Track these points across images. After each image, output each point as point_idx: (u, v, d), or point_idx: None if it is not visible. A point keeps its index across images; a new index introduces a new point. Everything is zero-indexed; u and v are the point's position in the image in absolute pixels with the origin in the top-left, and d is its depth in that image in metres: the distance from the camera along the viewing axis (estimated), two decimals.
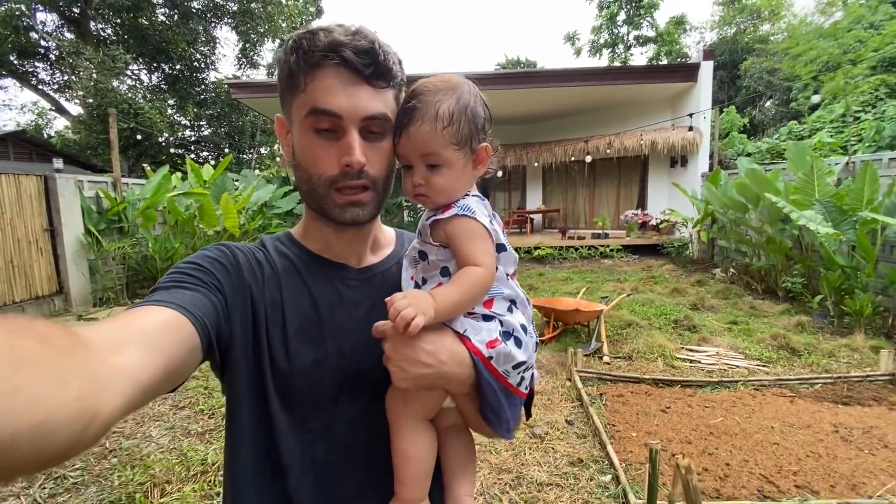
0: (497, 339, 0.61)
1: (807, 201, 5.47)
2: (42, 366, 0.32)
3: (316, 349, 0.64)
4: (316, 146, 0.61)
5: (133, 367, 0.41)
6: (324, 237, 0.70)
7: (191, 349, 0.51)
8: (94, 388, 0.35)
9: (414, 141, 0.62)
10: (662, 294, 6.46)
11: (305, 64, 0.59)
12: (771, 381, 3.45)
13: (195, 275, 0.59)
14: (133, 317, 0.48)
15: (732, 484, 2.23)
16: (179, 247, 6.98)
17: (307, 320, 0.65)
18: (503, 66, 27.12)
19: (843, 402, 3.15)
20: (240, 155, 19.30)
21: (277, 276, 0.66)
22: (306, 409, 0.64)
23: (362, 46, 0.59)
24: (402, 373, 0.57)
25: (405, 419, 0.65)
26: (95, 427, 0.34)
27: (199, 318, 0.53)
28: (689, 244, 9.49)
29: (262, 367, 0.62)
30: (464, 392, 0.64)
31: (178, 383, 0.52)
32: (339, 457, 0.66)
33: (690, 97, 10.06)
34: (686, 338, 4.58)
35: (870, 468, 2.34)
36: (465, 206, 0.63)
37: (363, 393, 0.67)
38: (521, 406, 0.67)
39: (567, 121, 12.50)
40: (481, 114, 0.65)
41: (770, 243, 6.26)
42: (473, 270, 0.61)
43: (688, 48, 23.55)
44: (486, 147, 0.67)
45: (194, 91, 17.51)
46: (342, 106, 0.59)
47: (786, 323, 4.98)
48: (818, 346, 4.25)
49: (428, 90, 0.62)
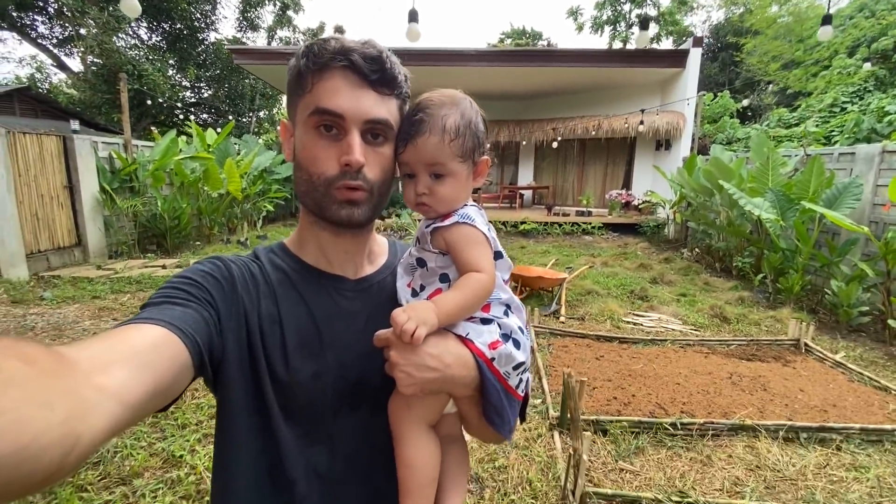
0: (498, 341, 0.63)
1: (762, 189, 6.03)
2: (27, 388, 0.31)
3: (316, 362, 0.65)
4: (317, 146, 0.62)
5: (120, 388, 0.41)
6: (319, 245, 0.71)
7: (181, 367, 0.50)
8: (79, 410, 0.35)
9: (421, 151, 0.64)
10: (629, 269, 7.09)
11: (314, 66, 0.61)
12: (695, 341, 4.11)
13: (187, 290, 0.59)
14: (121, 335, 0.47)
15: (633, 408, 2.89)
16: (186, 207, 7.50)
17: (306, 333, 0.65)
18: (508, 36, 26.90)
19: (748, 358, 3.81)
20: (239, 119, 19.47)
21: (273, 289, 0.66)
22: (308, 422, 0.64)
23: (371, 53, 0.61)
24: (409, 378, 0.58)
25: (409, 425, 0.66)
26: (78, 451, 0.33)
27: (190, 335, 0.53)
28: (665, 225, 10.09)
29: (260, 382, 0.62)
30: (467, 395, 0.65)
31: (168, 402, 0.52)
32: (341, 468, 0.66)
33: (679, 83, 10.43)
34: (637, 305, 5.23)
35: (744, 403, 3.01)
36: (466, 215, 0.65)
37: (364, 404, 0.68)
38: (518, 408, 0.68)
39: (561, 99, 12.82)
40: (482, 128, 0.68)
41: (730, 226, 6.86)
42: (476, 276, 0.63)
43: (694, 27, 23.49)
44: (486, 160, 0.71)
45: (194, 52, 17.52)
46: (346, 107, 0.60)
47: (729, 297, 5.63)
48: (748, 317, 4.91)
49: (433, 104, 0.65)
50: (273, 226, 10.78)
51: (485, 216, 0.69)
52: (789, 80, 16.84)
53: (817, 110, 13.65)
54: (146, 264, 6.45)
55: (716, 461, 2.41)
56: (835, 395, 3.14)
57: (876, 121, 10.15)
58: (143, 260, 6.76)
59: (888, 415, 2.89)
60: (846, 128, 10.86)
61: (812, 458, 2.44)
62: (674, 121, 10.17)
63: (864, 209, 5.47)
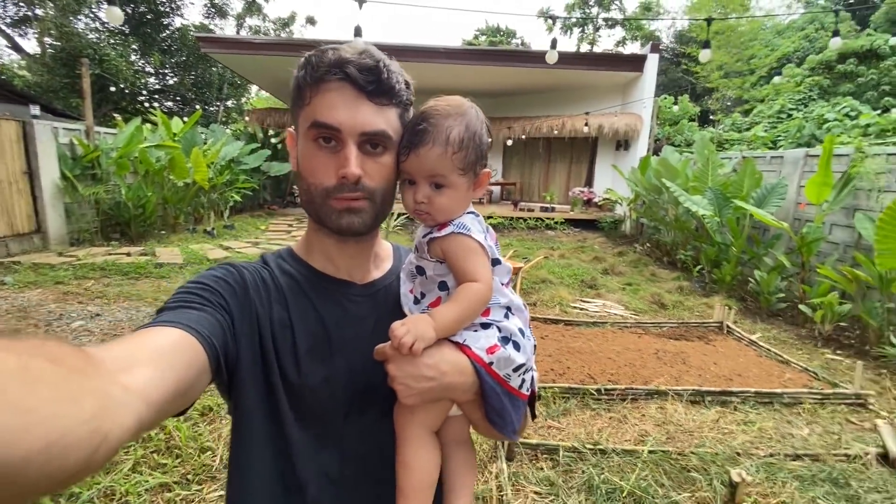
0: (496, 345, 0.64)
1: (702, 188, 6.56)
2: (55, 385, 0.32)
3: (326, 366, 0.66)
4: (316, 157, 0.63)
5: (144, 387, 0.42)
6: (326, 251, 0.72)
7: (200, 369, 0.52)
8: (107, 408, 0.35)
9: (422, 161, 0.64)
10: (584, 261, 7.55)
11: (311, 79, 0.62)
12: (631, 324, 4.54)
13: (202, 294, 0.60)
14: (142, 337, 0.49)
15: (566, 378, 3.25)
16: (152, 195, 7.47)
17: (316, 338, 0.66)
18: (483, 33, 27.23)
19: (676, 338, 4.26)
20: (206, 108, 19.06)
21: (283, 294, 0.67)
22: (318, 425, 0.66)
23: (366, 64, 0.61)
24: (408, 390, 0.60)
25: (412, 430, 0.67)
26: (106, 448, 0.34)
27: (207, 338, 0.54)
28: (622, 221, 10.66)
29: (273, 386, 0.63)
30: (469, 399, 0.66)
31: (187, 404, 0.52)
32: (352, 472, 0.68)
33: (637, 86, 10.99)
34: (585, 293, 5.65)
35: (664, 374, 3.42)
36: (461, 224, 0.65)
37: (373, 407, 0.69)
38: (524, 407, 0.70)
39: (529, 98, 13.23)
40: (486, 140, 0.68)
41: (676, 222, 7.40)
42: (472, 287, 0.63)
43: (659, 32, 24.43)
44: (488, 172, 0.71)
45: (159, 37, 17.05)
46: (342, 120, 0.61)
47: (670, 286, 6.13)
48: (684, 304, 5.40)
49: (438, 113, 0.65)
50: (240, 216, 10.76)
51: (482, 223, 0.69)
52: (729, 88, 17.97)
53: (766, 116, 14.59)
54: (110, 252, 6.44)
55: (630, 419, 2.79)
56: (742, 367, 3.59)
57: (816, 127, 10.99)
58: (107, 248, 6.73)
59: (783, 382, 3.36)
60: (790, 133, 11.72)
61: (711, 415, 2.85)
62: (632, 122, 10.73)
63: (789, 208, 6.07)
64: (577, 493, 2.12)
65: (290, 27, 24.04)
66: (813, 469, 2.31)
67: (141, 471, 2.12)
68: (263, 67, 11.41)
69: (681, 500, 2.03)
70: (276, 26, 23.53)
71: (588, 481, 2.17)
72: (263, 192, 12.39)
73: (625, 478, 2.18)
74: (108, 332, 3.80)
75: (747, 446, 2.53)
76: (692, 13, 24.88)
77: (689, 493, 2.11)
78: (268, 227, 9.82)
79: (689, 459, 2.35)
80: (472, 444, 0.77)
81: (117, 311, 4.26)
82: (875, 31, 15.60)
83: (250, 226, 9.71)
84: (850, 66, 14.22)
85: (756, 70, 17.95)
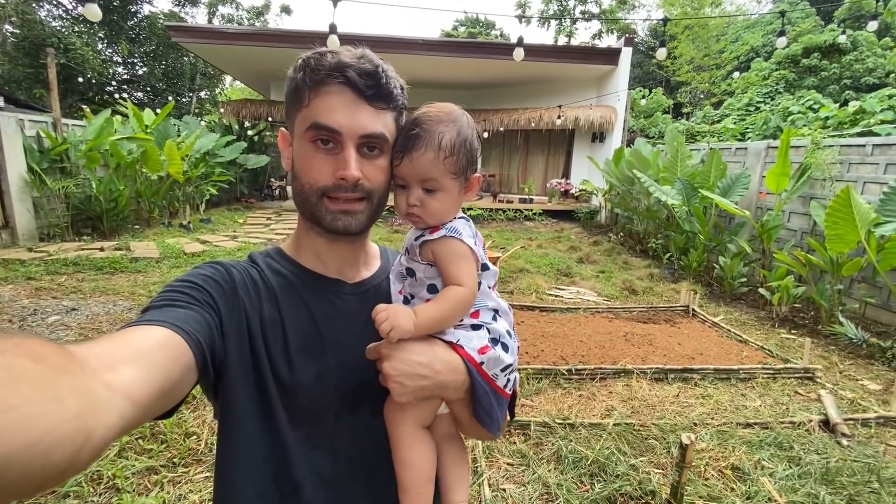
0: (487, 346, 0.66)
1: (672, 178, 6.81)
2: (37, 384, 0.31)
3: (318, 363, 0.66)
4: (313, 158, 0.64)
5: (128, 386, 0.41)
6: (316, 250, 0.72)
7: (186, 367, 0.51)
8: (91, 407, 0.35)
9: (416, 166, 0.66)
10: (561, 251, 7.75)
11: (311, 81, 0.62)
12: (603, 309, 4.74)
13: (188, 293, 0.60)
14: (126, 336, 0.48)
15: (539, 360, 3.42)
16: (124, 189, 7.32)
17: (308, 336, 0.66)
18: (462, 24, 27.18)
19: (644, 321, 4.47)
20: (179, 99, 18.56)
21: (274, 293, 0.67)
22: (310, 424, 0.65)
23: (366, 69, 0.62)
24: (402, 388, 0.60)
25: (404, 428, 0.68)
26: (90, 447, 0.34)
27: (193, 336, 0.53)
28: (598, 211, 10.93)
29: (265, 385, 0.63)
30: (459, 398, 0.67)
31: (172, 404, 0.52)
32: (345, 470, 0.68)
33: (612, 79, 11.22)
34: (561, 281, 5.84)
35: (630, 354, 3.61)
36: (453, 228, 0.67)
37: (364, 405, 0.70)
38: (506, 406, 0.72)
39: (507, 91, 13.35)
40: (476, 146, 0.70)
41: (648, 212, 7.66)
42: (456, 290, 0.65)
43: (635, 25, 24.83)
44: (478, 177, 0.73)
45: (126, 25, 16.49)
46: (342, 123, 0.62)
47: (641, 273, 6.38)
48: (654, 289, 5.64)
49: (430, 119, 0.66)
50: (216, 210, 10.61)
51: (472, 228, 0.71)
52: (699, 82, 18.51)
53: (736, 109, 15.07)
54: (82, 247, 6.31)
55: (598, 396, 2.97)
56: (704, 347, 3.82)
57: (781, 120, 11.44)
58: (79, 243, 6.59)
59: (740, 360, 3.60)
60: (757, 125, 12.17)
61: (672, 390, 3.05)
62: (607, 115, 10.97)
63: (752, 197, 6.37)
64: (546, 462, 2.27)
65: (265, 16, 23.53)
66: (761, 435, 2.53)
67: (127, 456, 2.18)
68: (238, 57, 11.20)
69: (639, 464, 2.21)
70: (249, 15, 22.99)
71: (557, 452, 2.33)
72: (240, 185, 12.22)
73: (590, 447, 2.34)
74: (86, 326, 3.79)
75: (704, 417, 2.73)
76: (666, 7, 25.37)
77: (647, 458, 2.29)
78: (245, 220, 9.72)
79: (650, 430, 2.54)
80: (461, 438, 0.79)
81: (94, 306, 4.23)
82: (838, 27, 16.22)
83: (227, 219, 9.60)
84: (814, 60, 14.77)
85: (724, 65, 18.50)
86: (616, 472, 2.16)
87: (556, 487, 2.08)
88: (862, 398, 3.08)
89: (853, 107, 8.72)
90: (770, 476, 2.17)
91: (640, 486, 2.06)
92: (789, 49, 15.43)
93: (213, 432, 2.42)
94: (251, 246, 7.17)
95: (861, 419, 2.75)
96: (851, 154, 5.04)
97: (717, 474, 2.20)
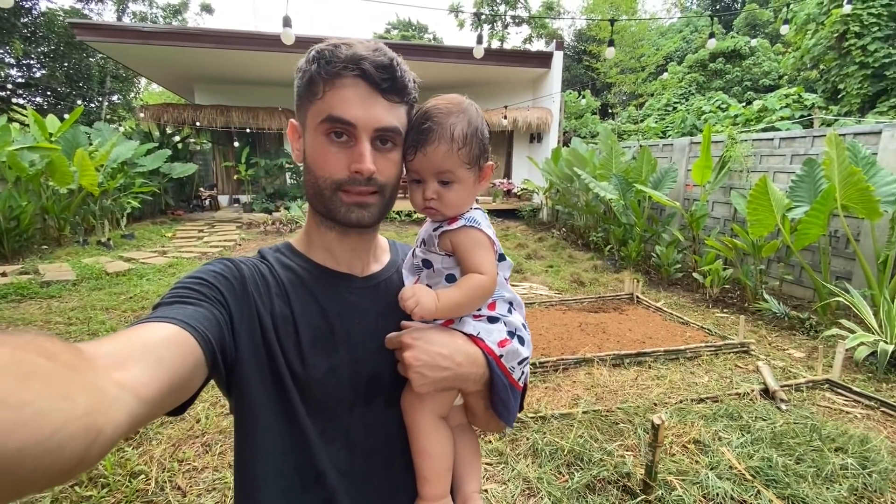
0: (507, 339, 0.67)
1: (608, 175, 7.19)
2: (48, 381, 0.32)
3: (331, 358, 0.66)
4: (327, 151, 0.63)
5: (137, 383, 0.42)
6: (327, 244, 0.72)
7: (194, 364, 0.51)
8: (100, 403, 0.35)
9: (430, 159, 0.66)
10: (509, 248, 7.91)
11: (326, 73, 0.62)
12: (556, 302, 4.89)
13: (198, 289, 0.60)
14: (134, 333, 0.48)
15: None
16: (28, 206, 6.51)
17: (319, 330, 0.66)
18: (395, 27, 27.03)
19: (595, 311, 4.66)
20: (87, 103, 16.86)
21: (284, 289, 0.68)
22: (325, 418, 0.66)
23: (382, 62, 0.62)
24: (423, 378, 0.61)
25: (423, 418, 0.69)
26: (100, 443, 0.34)
27: (202, 333, 0.53)
28: (540, 209, 11.31)
29: (281, 380, 0.63)
30: (478, 390, 0.68)
31: (182, 400, 0.52)
32: (361, 463, 0.68)
33: (546, 81, 11.67)
34: (513, 277, 5.94)
35: (587, 343, 3.74)
36: (472, 219, 0.68)
37: (377, 398, 0.70)
38: (519, 398, 0.72)
39: (446, 93, 13.44)
40: (487, 134, 0.71)
41: (587, 207, 8.03)
42: (477, 277, 0.66)
43: (561, 30, 26.04)
44: (491, 165, 0.73)
45: (19, 23, 14.72)
46: (357, 116, 0.61)
47: (586, 266, 6.67)
48: (599, 280, 5.91)
49: (441, 112, 0.67)
50: (140, 224, 9.71)
51: (487, 219, 0.71)
52: (624, 84, 19.90)
53: (656, 109, 16.27)
54: None
55: (563, 386, 3.04)
56: (652, 331, 4.05)
57: (696, 118, 12.48)
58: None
59: (685, 340, 3.85)
60: (675, 124, 13.19)
61: (630, 374, 3.20)
62: (543, 116, 11.39)
63: (680, 189, 6.88)
64: (524, 458, 2.28)
65: (183, 14, 22.00)
66: (713, 409, 2.71)
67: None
68: (156, 59, 10.37)
69: (613, 449, 2.28)
70: (165, 13, 21.40)
71: (533, 446, 2.34)
72: (165, 196, 11.28)
73: (565, 438, 2.38)
74: None
75: (662, 397, 2.88)
76: (588, 13, 26.93)
77: (619, 442, 2.37)
78: (174, 234, 8.98)
79: (616, 414, 2.64)
80: (472, 429, 0.80)
81: None
82: (737, 34, 18.03)
83: (154, 234, 8.82)
84: (720, 64, 16.26)
85: (646, 67, 19.94)
86: (592, 459, 2.21)
87: (537, 481, 2.09)
88: (791, 366, 3.41)
89: (757, 105, 9.71)
90: (728, 446, 2.33)
91: (615, 469, 2.12)
92: (698, 54, 16.91)
93: (162, 468, 2.18)
94: (184, 261, 6.63)
95: (794, 385, 3.03)
96: (762, 147, 5.59)
97: (681, 450, 2.32)
